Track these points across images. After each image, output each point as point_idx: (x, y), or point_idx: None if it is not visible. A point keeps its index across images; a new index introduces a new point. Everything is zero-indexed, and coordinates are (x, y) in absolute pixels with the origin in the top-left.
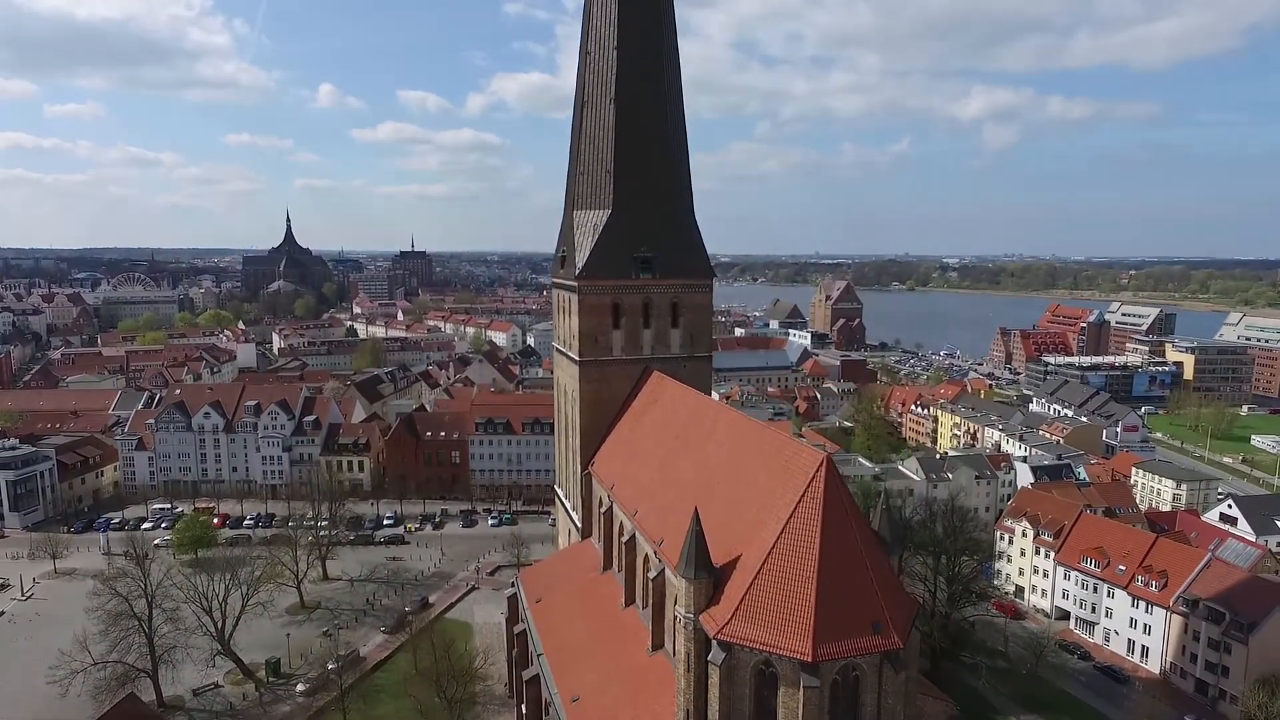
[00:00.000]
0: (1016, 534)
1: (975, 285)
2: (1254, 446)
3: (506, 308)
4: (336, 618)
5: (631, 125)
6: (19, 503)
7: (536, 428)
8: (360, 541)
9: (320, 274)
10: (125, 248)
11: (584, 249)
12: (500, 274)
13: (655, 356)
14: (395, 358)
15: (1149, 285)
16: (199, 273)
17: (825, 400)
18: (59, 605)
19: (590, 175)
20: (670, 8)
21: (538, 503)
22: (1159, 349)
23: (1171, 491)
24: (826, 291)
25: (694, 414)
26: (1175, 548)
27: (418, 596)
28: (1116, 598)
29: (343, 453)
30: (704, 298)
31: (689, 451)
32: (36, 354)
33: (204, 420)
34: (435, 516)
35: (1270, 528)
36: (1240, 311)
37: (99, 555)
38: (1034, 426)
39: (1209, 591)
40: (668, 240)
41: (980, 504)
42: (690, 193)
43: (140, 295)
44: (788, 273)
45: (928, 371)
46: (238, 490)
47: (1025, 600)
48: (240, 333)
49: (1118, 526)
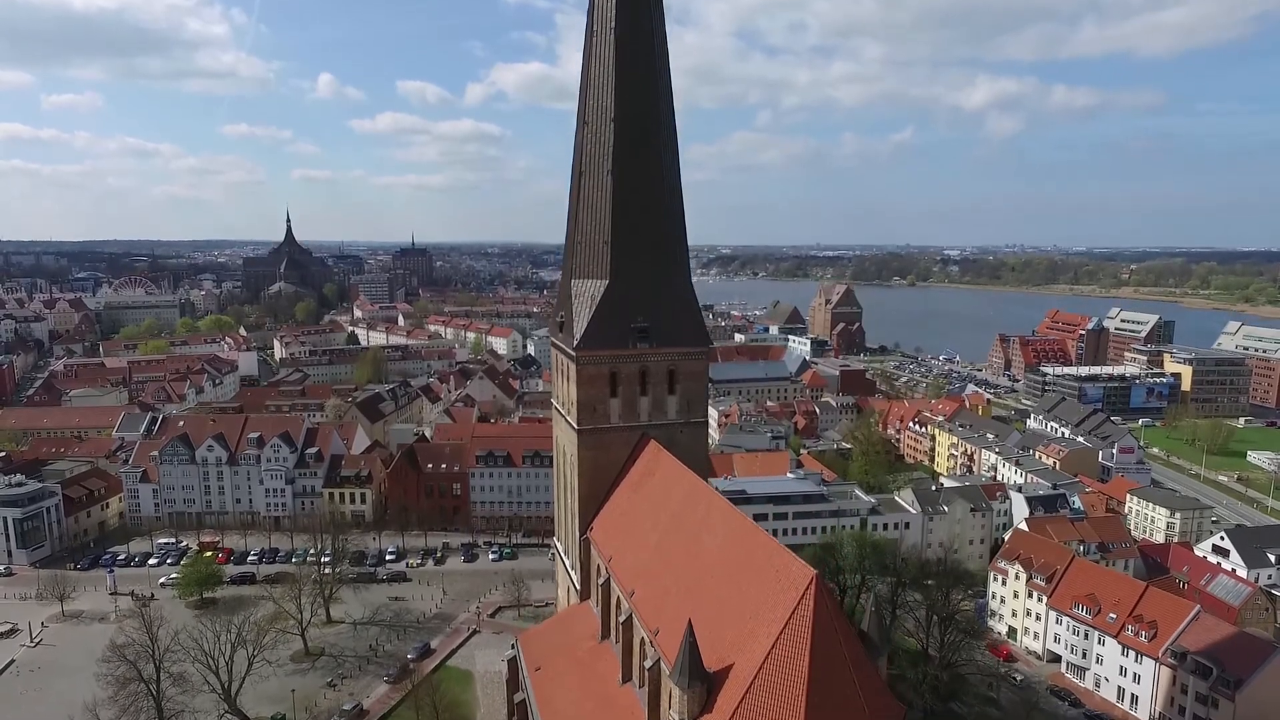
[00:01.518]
0: (1010, 576)
1: (976, 280)
2: (1250, 463)
3: (507, 310)
4: (340, 666)
5: (629, 196)
6: (26, 539)
7: (536, 460)
8: (363, 579)
9: (321, 275)
10: (125, 240)
11: (582, 319)
12: (501, 268)
13: (652, 423)
14: (396, 367)
15: (1150, 280)
16: (199, 271)
17: (824, 415)
18: (67, 652)
19: (588, 245)
20: (668, 78)
21: (538, 534)
22: (1157, 359)
23: (1165, 520)
24: (826, 295)
25: (689, 497)
26: (1165, 598)
27: (419, 643)
28: (1107, 645)
29: (345, 485)
30: (700, 365)
31: (683, 537)
32: (39, 362)
33: (207, 453)
34: (437, 551)
35: (1262, 560)
36: (1239, 321)
37: (106, 595)
38: (1031, 447)
39: (1198, 645)
40: (664, 309)
41: (975, 535)
42: (687, 260)
43: (141, 299)
44: (788, 267)
45: (927, 379)
46: (241, 521)
47: (1018, 641)
48: (241, 340)
49: (1109, 574)
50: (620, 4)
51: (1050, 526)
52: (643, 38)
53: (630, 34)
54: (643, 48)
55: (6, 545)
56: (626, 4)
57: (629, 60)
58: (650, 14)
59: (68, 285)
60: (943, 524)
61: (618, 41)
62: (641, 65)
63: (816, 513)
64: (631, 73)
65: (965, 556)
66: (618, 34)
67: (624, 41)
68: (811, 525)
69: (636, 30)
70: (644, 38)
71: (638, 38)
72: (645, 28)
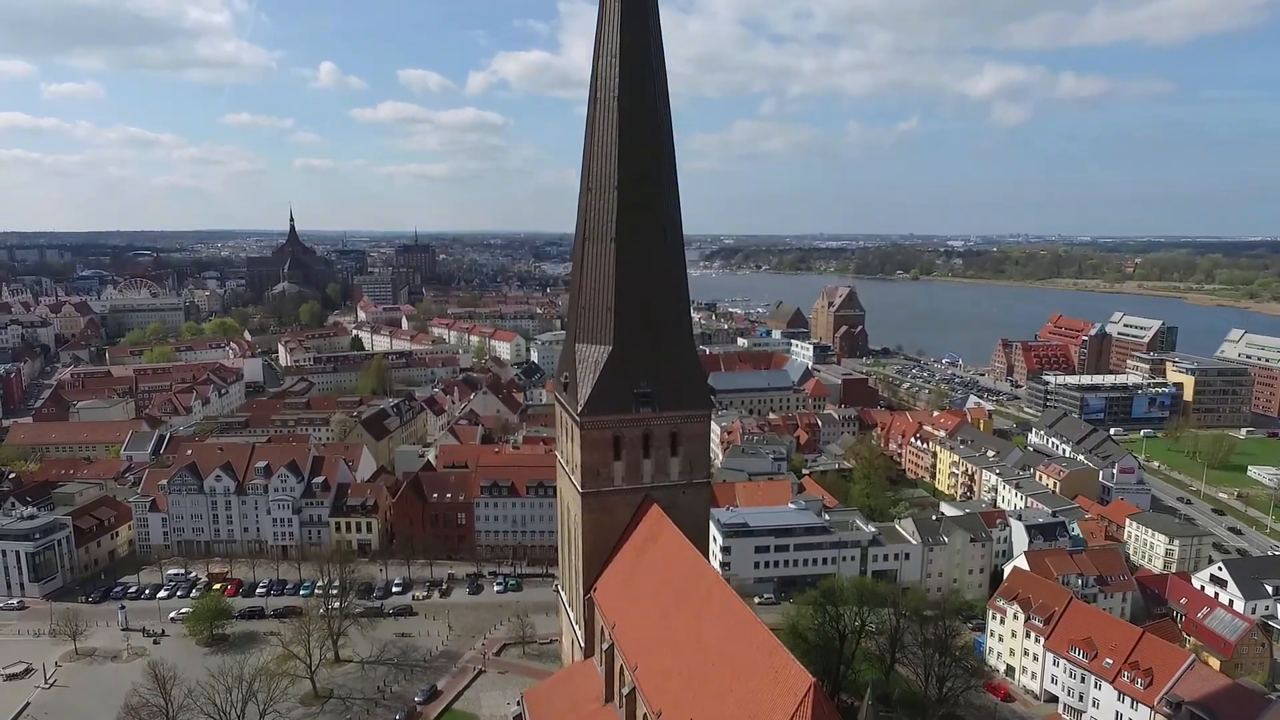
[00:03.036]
0: (1008, 615)
1: (979, 275)
2: (1250, 479)
3: (510, 310)
4: (349, 710)
5: (632, 262)
6: (38, 572)
7: (539, 490)
8: (369, 614)
9: (324, 274)
10: (128, 231)
11: (586, 385)
12: (504, 262)
13: (655, 485)
14: (400, 375)
15: (1154, 274)
16: (203, 267)
17: (826, 428)
18: (81, 695)
19: (591, 311)
20: (671, 146)
21: (542, 563)
22: (1159, 367)
23: (1164, 547)
24: (829, 298)
25: (691, 576)
26: (1162, 645)
27: (426, 686)
28: (1103, 690)
29: (351, 514)
30: (702, 427)
31: (685, 617)
32: (46, 368)
33: (215, 482)
34: (442, 582)
35: (1259, 592)
36: (1241, 329)
37: (118, 631)
38: (1031, 466)
39: (1192, 694)
40: (667, 373)
41: (975, 565)
42: (690, 323)
43: (146, 302)
44: (791, 260)
45: (929, 384)
46: (249, 550)
47: (1015, 680)
48: (246, 345)
49: (1106, 617)
50: (624, 76)
51: (1049, 560)
52: (646, 110)
53: (634, 103)
54: (646, 118)
55: (19, 578)
56: (630, 76)
57: (632, 130)
58: (653, 83)
59: (72, 285)
60: (943, 554)
61: (621, 111)
62: (645, 135)
63: (818, 544)
64: (635, 141)
65: (964, 586)
66: (621, 103)
67: (628, 111)
68: (813, 557)
69: (640, 99)
70: (648, 110)
71: (641, 107)
72: (649, 100)
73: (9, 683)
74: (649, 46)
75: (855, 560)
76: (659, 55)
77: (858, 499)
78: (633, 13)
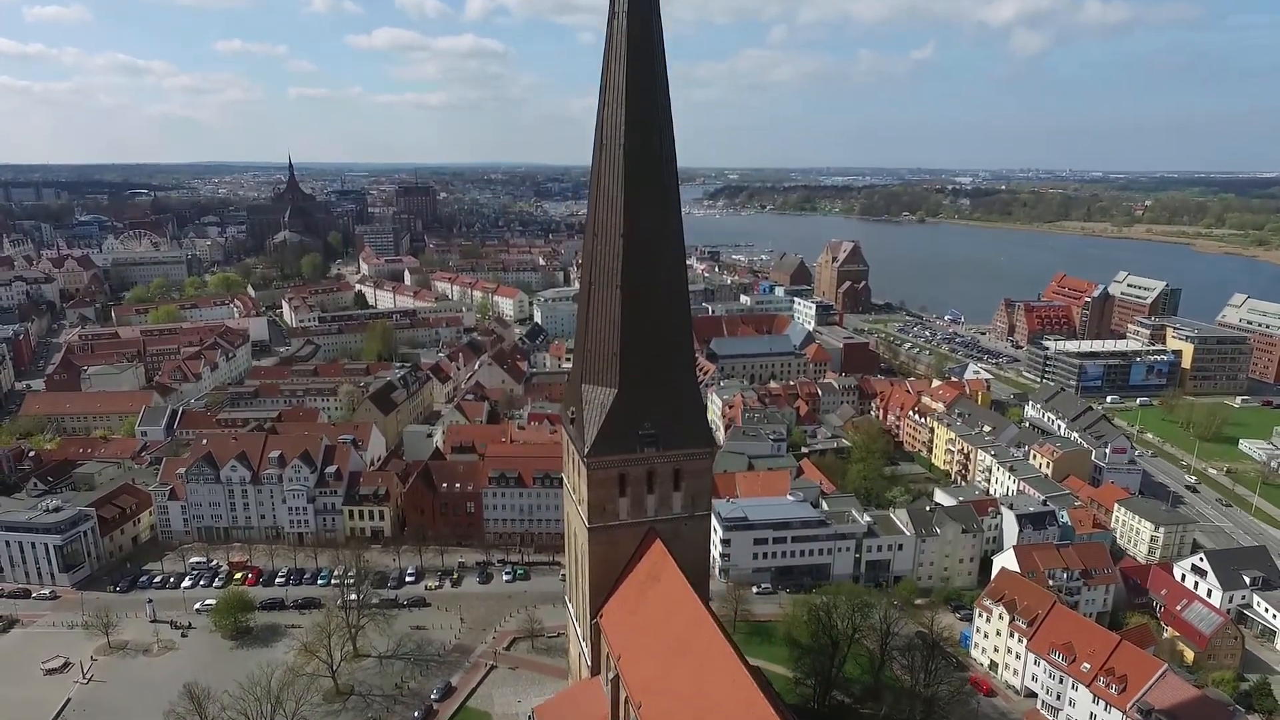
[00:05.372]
0: (994, 615)
1: (986, 217)
2: (1241, 452)
3: (512, 260)
4: (370, 707)
5: (637, 307)
6: (67, 562)
7: (546, 481)
8: (385, 605)
9: (325, 222)
10: (123, 165)
11: (592, 428)
12: (505, 200)
13: (659, 518)
14: (404, 336)
15: (1163, 217)
16: (203, 211)
17: (826, 397)
18: (118, 691)
19: (597, 354)
20: (677, 193)
21: (548, 550)
22: (1160, 333)
23: (1150, 534)
24: (833, 253)
25: (691, 625)
26: (1136, 654)
27: (441, 683)
28: (1080, 692)
29: (364, 503)
30: (705, 464)
31: (685, 668)
32: (53, 326)
33: (231, 473)
34: (453, 572)
35: (1237, 582)
36: (1244, 295)
37: (146, 623)
38: (1026, 445)
39: (1162, 703)
40: (671, 413)
41: (966, 554)
42: (693, 365)
43: (148, 254)
44: (796, 199)
45: (930, 344)
46: (267, 536)
47: (998, 675)
48: (250, 304)
49: (1087, 624)
50: (629, 123)
51: (1036, 554)
52: (652, 157)
53: (640, 149)
54: (652, 165)
55: (50, 569)
56: (635, 123)
57: (639, 178)
58: (659, 130)
59: (72, 234)
60: (935, 544)
61: (627, 158)
62: (652, 181)
63: (814, 536)
64: (641, 189)
65: (955, 574)
66: (627, 149)
67: (633, 157)
68: (810, 548)
69: (646, 146)
70: (654, 157)
71: (647, 153)
72: (654, 148)
73: (49, 677)
74: (654, 93)
75: (850, 551)
76: (665, 101)
77: (855, 480)
78: (638, 59)
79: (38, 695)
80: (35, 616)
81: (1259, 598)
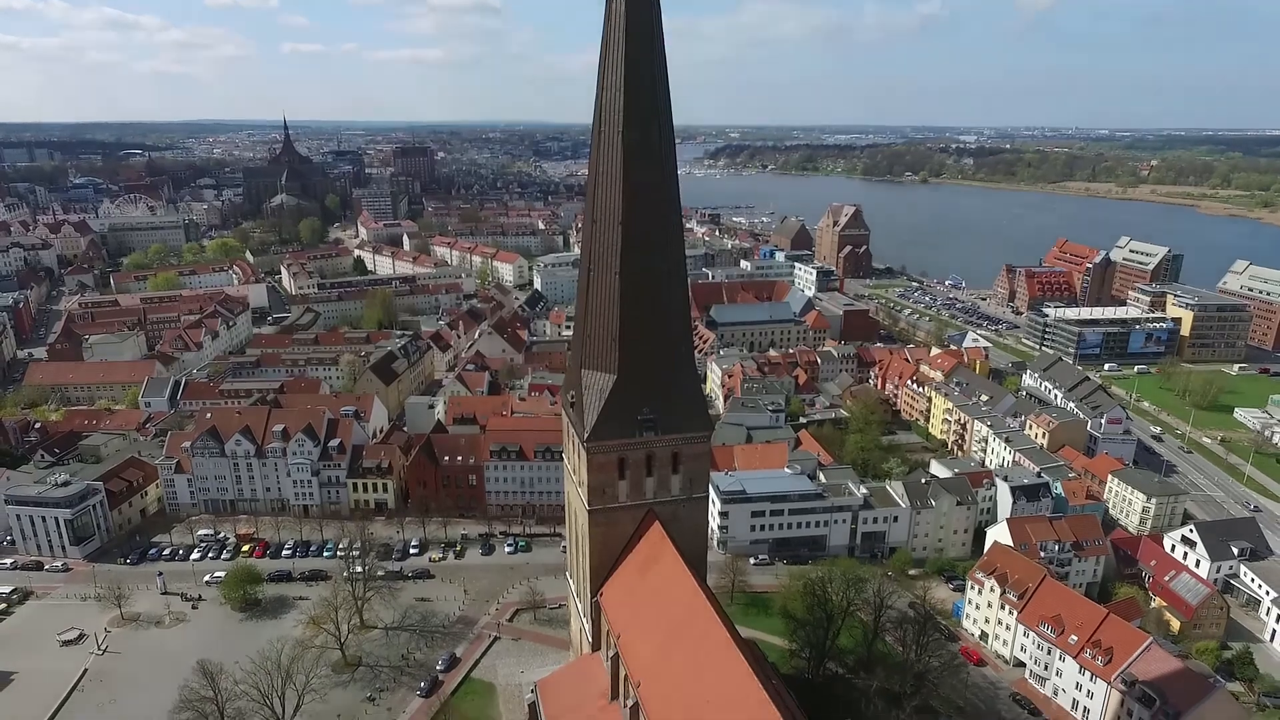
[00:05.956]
0: (985, 588)
1: (990, 178)
2: (1236, 421)
3: (511, 224)
4: (377, 678)
5: (635, 294)
6: (78, 535)
7: (547, 454)
8: (390, 577)
9: (322, 185)
10: (116, 124)
11: (591, 412)
12: (504, 160)
13: (658, 500)
14: (404, 303)
15: (1169, 177)
16: (198, 172)
17: (825, 365)
18: (132, 661)
19: (597, 339)
20: (675, 181)
21: (549, 522)
22: (1160, 300)
23: (1141, 505)
24: (835, 216)
25: (689, 612)
26: (1123, 627)
27: (446, 654)
28: (1067, 663)
29: (367, 475)
30: (702, 447)
31: (683, 652)
32: (52, 292)
33: (235, 446)
34: (456, 543)
35: (1225, 553)
36: (1246, 261)
37: (158, 595)
38: (1023, 415)
39: (1146, 674)
40: (669, 398)
41: (960, 526)
42: (691, 350)
43: (145, 219)
44: (798, 159)
45: (931, 310)
46: (272, 508)
47: (988, 644)
48: (249, 270)
49: (1076, 597)
50: (628, 110)
51: (1029, 526)
52: (651, 145)
53: (639, 138)
54: (651, 152)
55: (61, 542)
56: (634, 110)
57: (637, 165)
58: (658, 117)
59: (67, 197)
60: (930, 516)
61: (626, 146)
62: (651, 169)
63: (811, 509)
64: (640, 176)
65: (949, 545)
66: (626, 138)
67: (632, 146)
68: (807, 520)
69: (645, 134)
70: (652, 145)
71: (646, 141)
72: (653, 137)
73: (65, 649)
74: (654, 82)
75: (846, 523)
76: (664, 87)
77: (852, 451)
78: (638, 44)
79: (55, 666)
80: (49, 588)
81: (1246, 568)
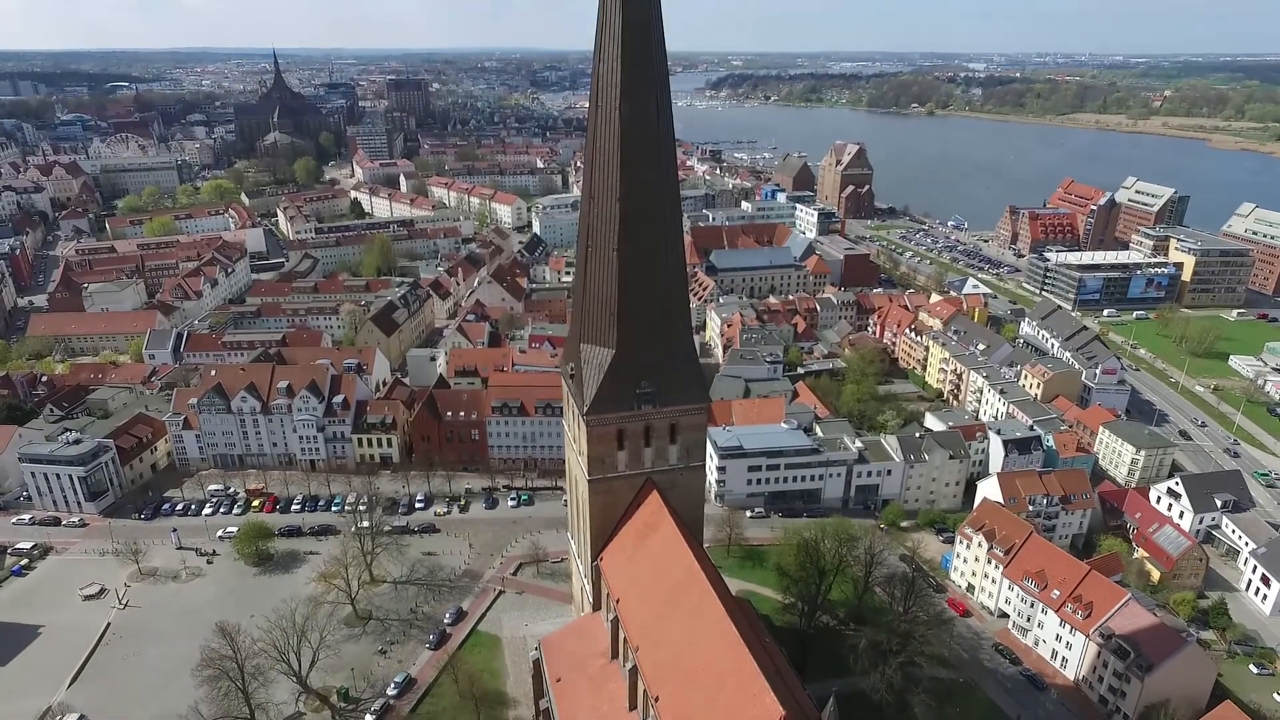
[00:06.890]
0: (973, 543)
1: (998, 110)
2: (1230, 368)
3: (509, 163)
4: (387, 630)
5: (633, 270)
6: (92, 492)
7: (547, 410)
8: (397, 531)
9: (315, 123)
10: (100, 52)
11: (591, 386)
12: (500, 92)
13: (656, 469)
14: (403, 248)
15: (1182, 109)
16: (188, 108)
17: (824, 312)
18: (153, 615)
19: (596, 314)
20: (673, 156)
21: (551, 475)
22: (1163, 244)
23: (1130, 457)
24: (838, 155)
25: (685, 580)
26: (1103, 583)
27: (453, 608)
28: (1048, 616)
29: (371, 430)
30: (700, 418)
31: (679, 620)
32: (48, 237)
33: (241, 403)
34: (461, 498)
35: (1209, 505)
36: (1252, 204)
37: (173, 550)
38: (1019, 364)
39: (1122, 628)
40: (667, 371)
41: (953, 479)
42: (689, 323)
43: (137, 160)
44: (801, 90)
45: (933, 252)
46: (280, 462)
47: (974, 596)
48: (245, 214)
49: (1060, 554)
50: (625, 80)
51: (1019, 480)
52: (648, 118)
53: (636, 110)
54: (648, 126)
55: (76, 498)
56: (631, 80)
57: (635, 140)
58: (656, 89)
59: (56, 136)
60: (923, 469)
61: (623, 119)
62: (648, 143)
63: (806, 463)
64: (637, 151)
65: (940, 498)
66: (623, 113)
67: (629, 119)
68: (802, 474)
69: (643, 106)
70: (649, 119)
71: (643, 114)
72: (651, 110)
73: (88, 603)
74: (651, 48)
75: (840, 477)
76: (661, 58)
77: (849, 402)
78: (634, 15)
79: (80, 620)
80: (68, 544)
81: (1228, 519)
